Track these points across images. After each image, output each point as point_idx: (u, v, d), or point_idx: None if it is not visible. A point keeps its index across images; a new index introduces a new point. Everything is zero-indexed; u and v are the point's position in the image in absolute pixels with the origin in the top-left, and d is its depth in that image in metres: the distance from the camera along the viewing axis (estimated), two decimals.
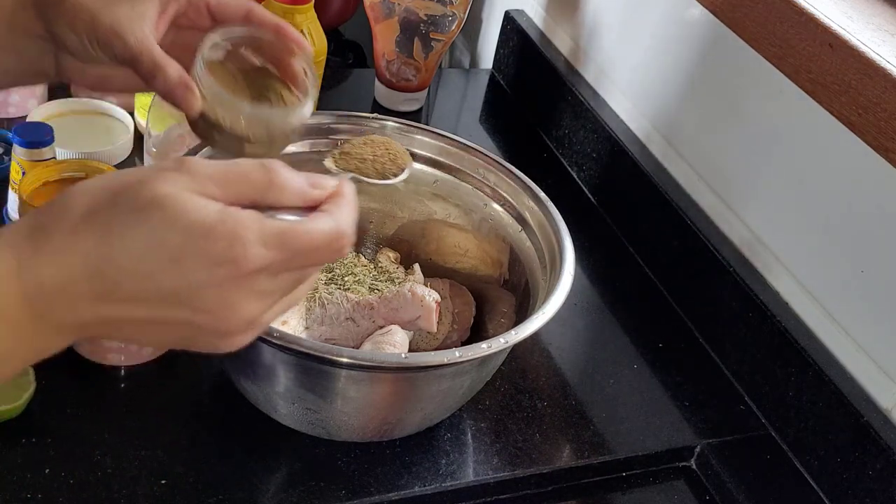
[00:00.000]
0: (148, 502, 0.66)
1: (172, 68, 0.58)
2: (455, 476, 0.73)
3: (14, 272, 0.41)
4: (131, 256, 0.41)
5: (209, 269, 0.41)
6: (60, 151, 0.90)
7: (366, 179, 0.69)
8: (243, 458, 0.71)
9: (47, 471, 0.67)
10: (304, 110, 0.62)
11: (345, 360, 0.62)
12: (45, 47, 0.60)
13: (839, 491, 0.76)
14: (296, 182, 0.45)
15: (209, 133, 0.62)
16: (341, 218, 0.45)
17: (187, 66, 0.59)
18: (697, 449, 0.80)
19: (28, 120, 0.93)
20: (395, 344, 0.72)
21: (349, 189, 0.47)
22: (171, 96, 0.58)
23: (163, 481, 0.68)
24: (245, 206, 0.43)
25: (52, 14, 0.58)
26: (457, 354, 0.63)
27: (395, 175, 0.71)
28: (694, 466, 0.80)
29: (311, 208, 0.45)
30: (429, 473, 0.73)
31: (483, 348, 0.63)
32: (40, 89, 1.00)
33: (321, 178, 0.46)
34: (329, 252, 0.45)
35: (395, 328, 0.74)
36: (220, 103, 0.60)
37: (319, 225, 0.44)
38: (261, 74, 0.64)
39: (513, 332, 0.65)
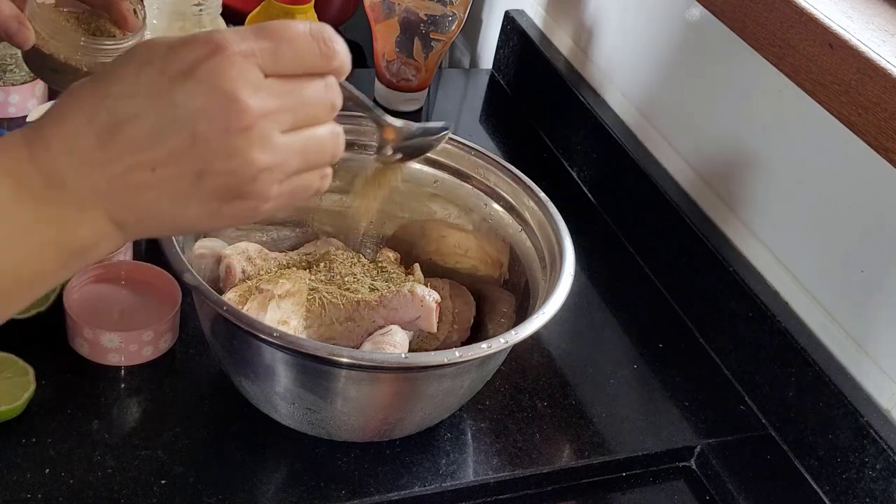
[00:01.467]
0: (148, 502, 0.66)
1: (4, 3, 0.60)
2: (455, 476, 0.73)
3: (22, 143, 0.43)
4: (124, 84, 0.42)
5: (195, 65, 0.42)
6: None
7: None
8: (243, 458, 0.71)
9: (47, 471, 0.67)
10: (135, 42, 0.64)
11: (345, 360, 0.62)
12: None
13: (839, 491, 0.76)
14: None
15: (43, 69, 0.65)
16: (315, 24, 0.45)
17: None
18: (697, 449, 0.80)
19: (28, 120, 0.93)
20: (395, 344, 0.72)
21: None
22: (3, 30, 0.60)
23: (163, 481, 0.68)
24: None
25: None
26: (457, 354, 0.63)
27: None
28: (694, 466, 0.80)
29: None
30: (429, 473, 0.73)
31: (483, 348, 0.64)
32: (40, 89, 1.00)
33: None
34: (312, 43, 0.45)
35: (395, 328, 0.74)
36: (53, 35, 0.62)
37: (295, 22, 0.45)
38: (92, 17, 0.67)
39: (513, 332, 0.65)
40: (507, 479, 0.74)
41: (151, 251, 0.85)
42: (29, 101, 0.99)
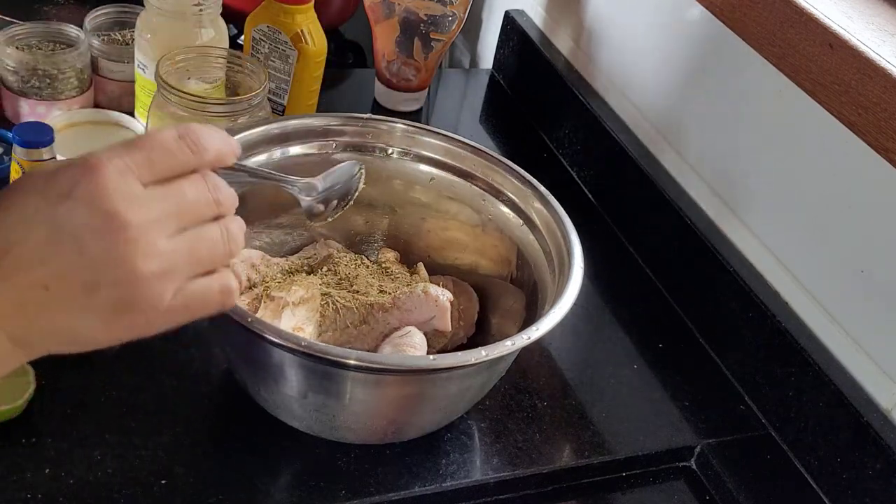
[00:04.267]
0: (148, 502, 0.66)
1: None
2: (455, 476, 0.73)
3: None
4: (10, 213, 0.44)
5: (73, 186, 0.43)
6: None
7: None
8: (243, 458, 0.71)
9: (47, 471, 0.67)
10: None
11: (376, 365, 0.62)
12: None
13: (839, 491, 0.76)
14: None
15: None
16: (182, 127, 0.47)
17: None
18: (697, 449, 0.80)
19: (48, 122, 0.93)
20: (415, 346, 0.72)
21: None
22: None
23: (163, 481, 0.68)
24: None
25: None
26: (483, 353, 0.63)
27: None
28: (694, 466, 0.80)
29: None
30: (429, 474, 0.73)
31: (508, 345, 0.63)
32: (80, 103, 0.99)
33: None
34: (182, 146, 0.46)
35: (413, 329, 0.74)
36: None
37: (163, 129, 0.47)
38: None
39: (535, 327, 0.65)
40: (507, 479, 0.74)
41: None
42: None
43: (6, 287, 0.44)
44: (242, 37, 1.03)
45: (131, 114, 1.00)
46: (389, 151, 0.83)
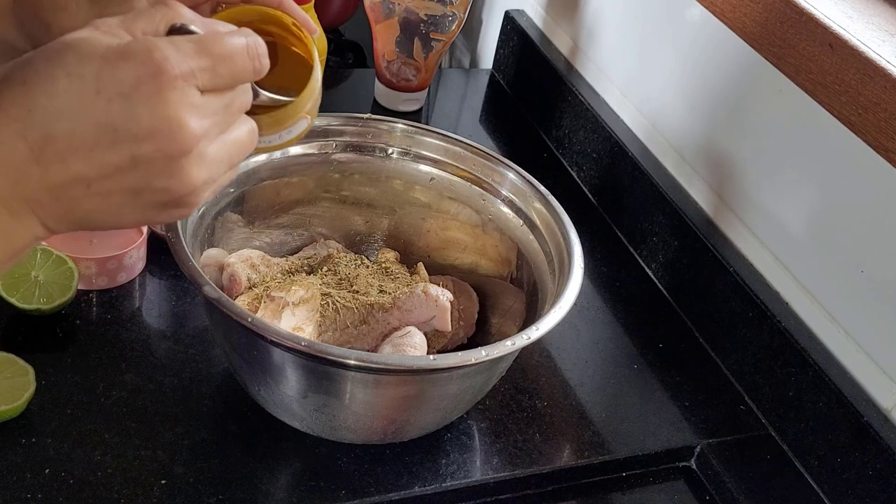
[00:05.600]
0: (148, 502, 0.66)
1: None
2: (455, 476, 0.73)
3: None
4: (55, 98, 0.41)
5: (135, 87, 0.41)
6: None
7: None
8: (243, 458, 0.71)
9: (47, 471, 0.67)
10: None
11: (376, 365, 0.62)
12: None
13: (839, 491, 0.76)
14: (199, 18, 0.46)
15: None
16: (248, 33, 0.46)
17: None
18: (697, 449, 0.80)
19: None
20: (415, 346, 0.72)
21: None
22: None
23: (163, 481, 0.68)
24: None
25: (43, 41, 0.57)
26: (483, 353, 0.63)
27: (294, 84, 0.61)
28: (694, 466, 0.80)
29: None
30: (429, 474, 0.73)
31: (508, 345, 0.64)
32: None
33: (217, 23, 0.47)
34: (248, 61, 0.45)
35: (413, 329, 0.74)
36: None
37: (230, 32, 0.45)
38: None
39: (535, 327, 0.65)
40: (507, 479, 0.74)
41: None
42: None
43: (45, 175, 0.42)
44: None
45: None
46: (389, 151, 0.83)
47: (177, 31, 0.45)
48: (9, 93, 0.41)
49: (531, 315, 0.76)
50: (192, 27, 0.45)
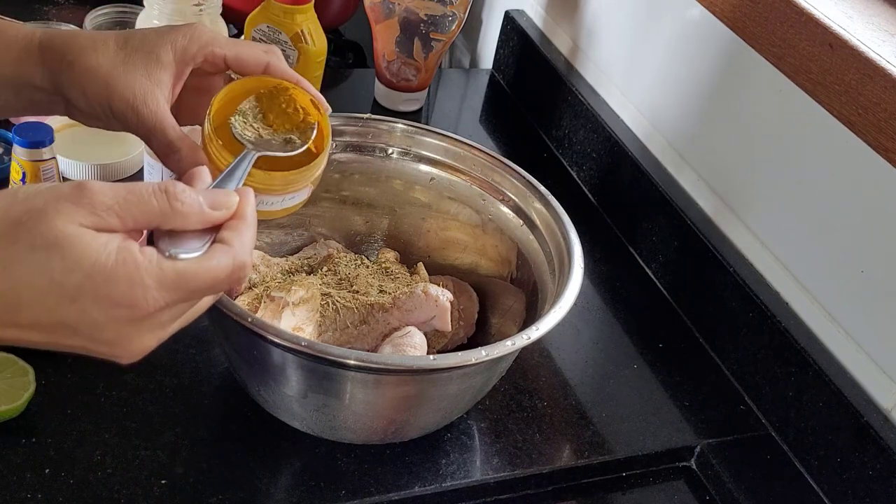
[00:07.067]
0: (148, 502, 0.66)
1: (185, 149, 0.58)
2: (455, 476, 0.73)
3: None
4: (33, 292, 0.43)
5: (109, 310, 0.44)
6: (70, 161, 0.90)
7: (270, 153, 0.60)
8: (243, 458, 0.71)
9: (47, 471, 0.67)
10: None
11: (376, 365, 0.62)
12: (55, 99, 0.59)
13: (839, 491, 0.76)
14: (195, 206, 0.46)
15: None
16: (240, 248, 0.47)
17: (200, 110, 0.59)
18: (697, 449, 0.80)
19: None
20: (415, 346, 0.72)
21: (249, 209, 0.49)
22: (180, 175, 0.58)
23: (163, 481, 0.68)
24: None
25: (65, 79, 0.57)
26: (483, 353, 0.63)
27: (302, 138, 0.61)
28: (694, 466, 0.81)
29: (214, 227, 0.47)
30: (429, 474, 0.73)
31: (508, 345, 0.63)
32: None
33: (221, 195, 0.48)
34: (228, 283, 0.47)
35: (413, 329, 0.74)
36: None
37: (217, 261, 0.46)
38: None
39: (534, 327, 0.65)
40: (507, 479, 0.74)
41: None
42: None
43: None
44: (242, 37, 1.03)
45: None
46: (389, 151, 0.83)
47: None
48: None
49: (531, 315, 0.76)
50: (181, 253, 0.46)
